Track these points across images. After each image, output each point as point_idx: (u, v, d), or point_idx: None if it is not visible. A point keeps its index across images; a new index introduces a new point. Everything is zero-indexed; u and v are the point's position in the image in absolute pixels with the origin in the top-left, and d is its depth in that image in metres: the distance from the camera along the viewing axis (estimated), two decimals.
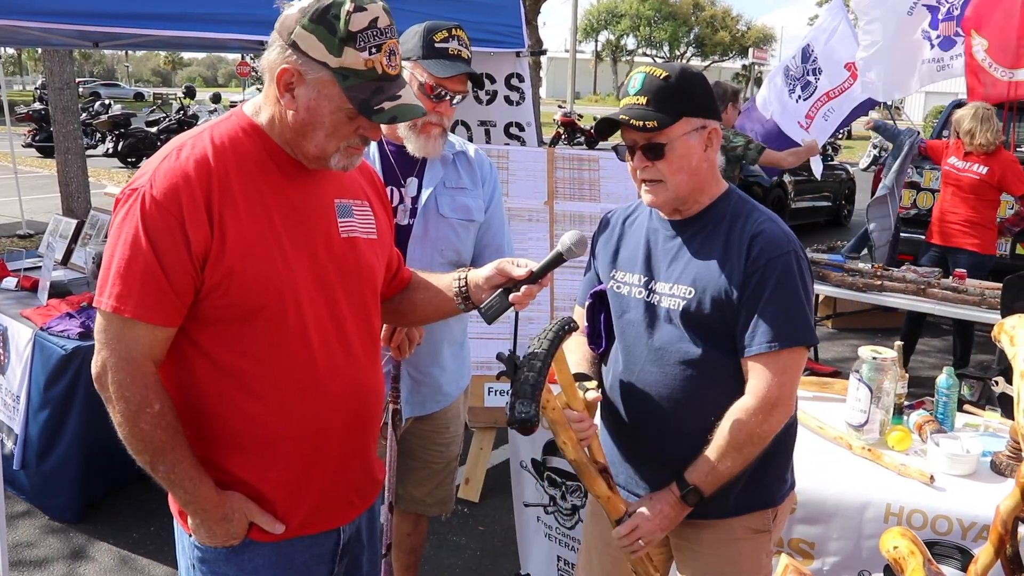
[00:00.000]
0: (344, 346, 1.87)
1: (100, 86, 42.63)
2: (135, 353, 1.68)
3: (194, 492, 1.75)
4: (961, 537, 2.47)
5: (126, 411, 1.69)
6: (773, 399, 1.98)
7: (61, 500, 4.19)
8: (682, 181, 2.05)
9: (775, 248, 2.01)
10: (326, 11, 1.68)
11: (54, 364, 4.06)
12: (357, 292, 1.91)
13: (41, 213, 11.58)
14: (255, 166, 1.77)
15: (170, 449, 1.72)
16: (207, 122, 1.85)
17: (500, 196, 2.93)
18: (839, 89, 7.51)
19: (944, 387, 3.01)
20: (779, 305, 1.98)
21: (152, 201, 1.66)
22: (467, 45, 2.65)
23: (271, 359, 1.77)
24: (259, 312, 1.74)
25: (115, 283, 1.67)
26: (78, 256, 5.37)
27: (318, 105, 1.73)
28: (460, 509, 4.40)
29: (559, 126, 25.39)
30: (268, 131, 1.80)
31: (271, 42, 1.74)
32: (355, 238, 1.92)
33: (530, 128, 5.56)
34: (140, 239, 1.65)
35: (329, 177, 1.89)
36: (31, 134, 20.91)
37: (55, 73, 10.29)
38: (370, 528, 2.09)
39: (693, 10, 64.86)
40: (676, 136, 2.02)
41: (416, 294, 2.20)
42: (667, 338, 2.08)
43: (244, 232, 1.72)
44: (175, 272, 1.67)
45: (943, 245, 6.16)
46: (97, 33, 5.55)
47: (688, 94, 2.04)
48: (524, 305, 2.01)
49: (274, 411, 1.78)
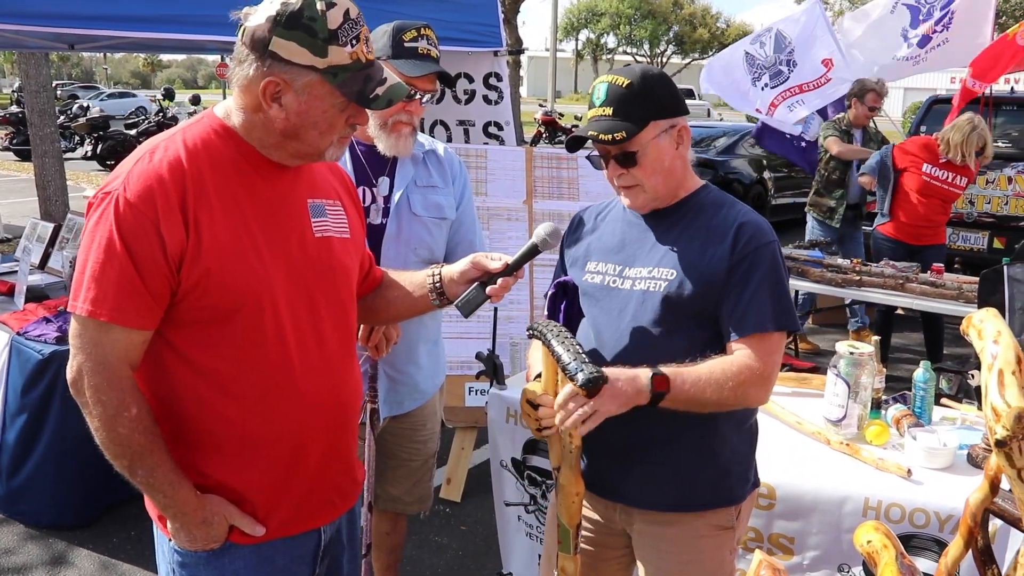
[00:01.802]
0: (321, 346, 1.86)
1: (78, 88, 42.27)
2: (111, 357, 1.67)
3: (173, 496, 1.74)
4: (939, 530, 2.49)
5: (103, 416, 1.68)
6: (766, 374, 2.01)
7: (38, 506, 4.15)
8: (658, 183, 2.09)
9: (762, 237, 2.06)
10: (299, 15, 1.67)
11: (31, 369, 4.02)
12: (333, 292, 1.91)
13: (18, 217, 11.48)
14: (229, 167, 1.77)
15: (148, 453, 1.71)
16: (179, 124, 1.84)
17: (470, 193, 2.96)
18: (815, 84, 7.53)
19: (921, 381, 3.02)
20: (768, 291, 2.02)
21: (126, 204, 1.65)
22: (436, 44, 2.66)
23: (248, 361, 1.76)
24: (236, 314, 1.73)
25: (90, 287, 1.65)
26: (55, 260, 5.33)
27: (310, 107, 1.73)
28: (442, 509, 4.39)
29: (540, 125, 25.39)
30: (243, 134, 1.79)
31: (240, 56, 1.72)
32: (329, 238, 1.91)
33: (509, 127, 5.56)
34: (115, 242, 1.64)
35: (301, 177, 1.89)
36: (8, 137, 20.74)
37: (31, 76, 10.19)
38: (350, 528, 2.09)
39: (672, 8, 65.08)
40: (646, 141, 2.04)
41: (389, 292, 2.20)
42: (642, 321, 2.09)
43: (219, 233, 1.71)
44: (151, 275, 1.66)
45: (914, 244, 6.23)
46: (72, 35, 5.51)
47: (652, 98, 2.06)
48: (500, 298, 2.02)
49: (252, 413, 1.78)
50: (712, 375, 1.95)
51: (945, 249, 6.59)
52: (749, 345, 2.01)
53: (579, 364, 1.83)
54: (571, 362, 1.85)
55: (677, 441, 2.11)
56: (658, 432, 2.10)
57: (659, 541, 2.19)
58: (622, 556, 2.31)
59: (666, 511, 2.15)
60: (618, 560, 2.32)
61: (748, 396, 2.01)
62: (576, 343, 1.92)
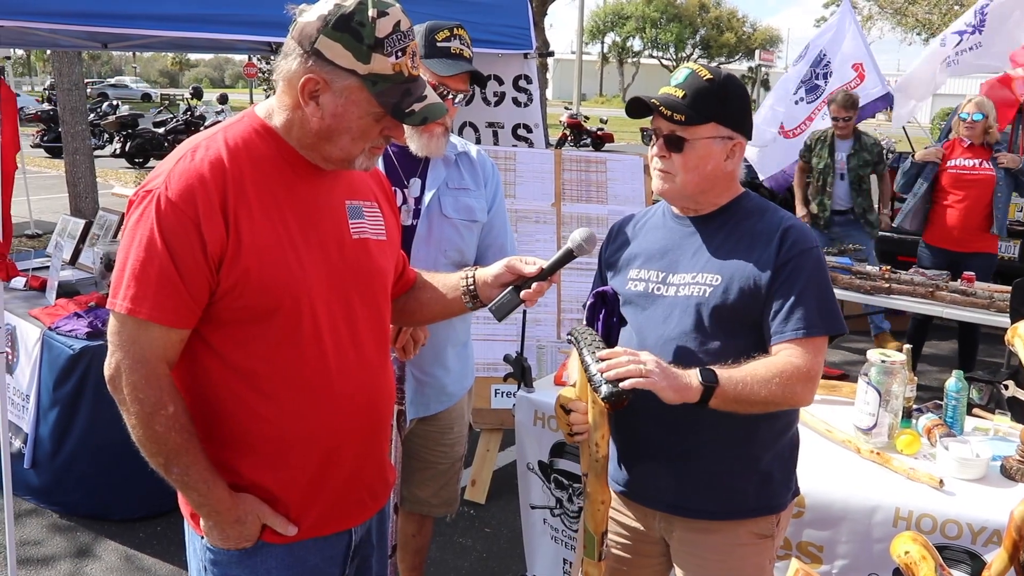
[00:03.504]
0: (357, 348, 1.86)
1: (109, 87, 42.73)
2: (149, 355, 1.68)
3: (208, 494, 1.74)
4: (971, 542, 2.45)
5: (140, 413, 1.68)
6: (813, 373, 1.99)
7: (71, 498, 4.21)
8: (691, 180, 2.08)
9: (806, 241, 2.07)
10: (349, 18, 1.67)
11: (62, 364, 4.07)
12: (369, 293, 1.91)
13: (49, 213, 11.61)
14: (269, 167, 1.77)
15: (184, 451, 1.71)
16: (218, 124, 1.85)
17: (502, 196, 2.95)
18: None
19: (953, 391, 2.99)
20: (814, 293, 2.02)
21: (167, 202, 1.66)
22: (468, 44, 2.66)
23: (285, 361, 1.77)
24: (274, 314, 1.74)
25: (130, 285, 1.66)
26: (86, 256, 5.38)
27: (346, 111, 1.73)
28: (466, 511, 4.39)
29: (565, 128, 25.39)
30: (283, 134, 1.80)
31: (287, 51, 1.73)
32: (366, 239, 1.92)
33: (538, 130, 5.55)
34: (156, 241, 1.65)
35: (340, 178, 1.89)
36: (39, 134, 20.99)
37: (64, 74, 10.32)
38: (380, 529, 2.09)
39: (699, 11, 64.85)
40: (699, 137, 2.05)
41: (423, 293, 2.20)
42: (685, 327, 2.08)
43: (259, 233, 1.71)
44: (191, 274, 1.66)
45: (957, 251, 6.10)
46: (105, 34, 5.57)
47: (725, 102, 2.07)
48: (533, 302, 2.02)
49: (287, 412, 1.78)
50: (758, 372, 1.94)
51: (994, 260, 6.20)
52: (796, 346, 2.00)
53: (603, 376, 1.83)
54: (596, 374, 1.85)
55: (719, 448, 2.10)
56: (700, 439, 2.09)
57: (700, 549, 2.18)
58: (658, 564, 2.30)
59: (708, 519, 2.14)
60: (653, 568, 2.31)
61: (795, 394, 1.98)
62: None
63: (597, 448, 2.04)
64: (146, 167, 18.98)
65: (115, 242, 5.36)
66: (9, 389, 4.42)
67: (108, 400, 1.73)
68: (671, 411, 2.08)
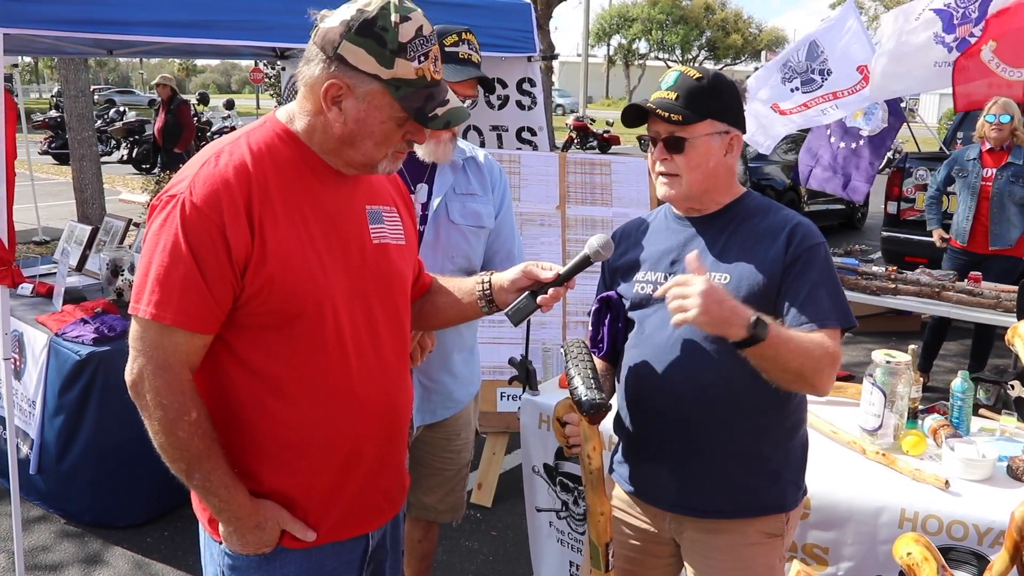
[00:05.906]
0: (377, 352, 1.86)
1: (114, 93, 42.84)
2: (172, 360, 1.67)
3: (228, 500, 1.74)
4: (977, 543, 2.45)
5: (163, 419, 1.67)
6: (838, 360, 1.98)
7: (77, 504, 4.22)
8: (696, 179, 2.10)
9: (814, 237, 2.08)
10: (372, 23, 1.67)
11: (69, 369, 4.07)
12: (389, 298, 1.91)
13: (57, 219, 11.65)
14: (292, 172, 1.77)
15: (206, 457, 1.70)
16: (241, 128, 1.84)
17: (510, 202, 2.93)
18: (850, 91, 7.45)
19: (959, 391, 2.98)
20: (825, 287, 2.03)
21: (192, 207, 1.65)
22: (477, 49, 2.65)
23: (307, 366, 1.76)
24: (296, 319, 1.73)
25: (154, 290, 1.65)
26: (92, 262, 5.40)
27: (368, 116, 1.72)
28: (473, 514, 4.39)
29: (571, 130, 25.40)
30: (304, 139, 1.79)
31: (309, 56, 1.73)
32: (386, 244, 1.92)
33: (542, 132, 5.56)
34: (180, 245, 1.64)
35: (360, 183, 1.89)
36: (47, 141, 21.09)
37: (70, 81, 10.37)
38: (394, 534, 2.09)
39: (705, 13, 64.75)
40: (698, 135, 2.07)
41: (439, 298, 2.20)
42: (693, 328, 2.05)
43: (283, 239, 1.71)
44: (216, 279, 1.65)
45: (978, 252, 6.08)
46: (111, 41, 5.60)
47: (717, 97, 2.09)
48: (549, 307, 2.04)
49: (309, 417, 1.78)
50: (803, 340, 1.92)
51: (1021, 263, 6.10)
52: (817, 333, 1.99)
53: (585, 388, 1.87)
54: (579, 386, 1.91)
55: (728, 447, 2.11)
56: (709, 438, 2.10)
57: (710, 549, 2.18)
58: (668, 565, 2.30)
59: (718, 518, 2.14)
60: (664, 569, 2.31)
61: (822, 373, 1.96)
62: (592, 367, 1.96)
63: (590, 460, 2.05)
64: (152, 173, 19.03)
65: (121, 248, 5.38)
66: (16, 395, 4.44)
67: (113, 405, 1.74)
68: (680, 410, 2.09)
